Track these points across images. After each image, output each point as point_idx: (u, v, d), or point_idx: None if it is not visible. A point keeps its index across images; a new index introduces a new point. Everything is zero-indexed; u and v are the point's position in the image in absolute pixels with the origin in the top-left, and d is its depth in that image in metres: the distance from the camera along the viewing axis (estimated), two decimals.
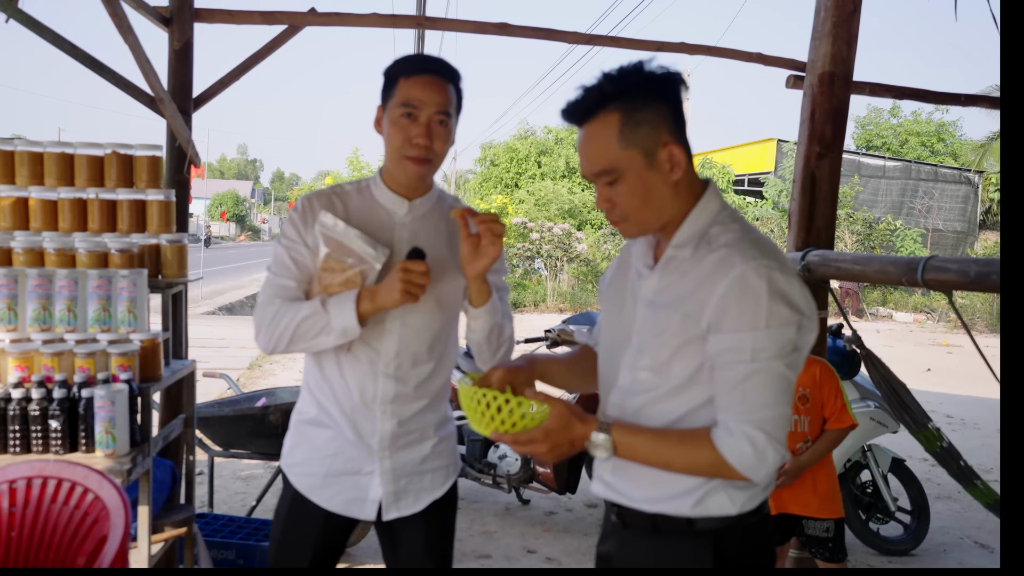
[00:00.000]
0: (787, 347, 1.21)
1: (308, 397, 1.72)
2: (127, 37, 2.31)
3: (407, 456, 1.69)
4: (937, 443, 2.84)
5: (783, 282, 1.21)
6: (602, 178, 1.29)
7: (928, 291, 15.25)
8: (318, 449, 1.69)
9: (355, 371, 1.64)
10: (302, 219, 1.63)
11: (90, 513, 1.74)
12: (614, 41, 3.14)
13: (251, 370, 8.00)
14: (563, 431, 1.26)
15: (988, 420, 6.74)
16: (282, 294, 1.61)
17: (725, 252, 1.25)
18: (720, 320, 1.22)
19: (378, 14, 2.92)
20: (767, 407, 1.21)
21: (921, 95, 3.15)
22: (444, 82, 1.57)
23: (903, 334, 13.05)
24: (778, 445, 1.21)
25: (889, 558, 3.80)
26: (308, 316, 1.54)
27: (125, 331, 2.33)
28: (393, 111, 1.56)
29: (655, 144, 1.27)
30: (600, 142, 1.27)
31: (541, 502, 4.34)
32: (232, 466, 4.73)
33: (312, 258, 1.62)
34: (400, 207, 1.66)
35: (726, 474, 1.23)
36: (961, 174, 20.11)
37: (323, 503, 1.69)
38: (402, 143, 1.56)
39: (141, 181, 2.57)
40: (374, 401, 1.64)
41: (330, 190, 1.69)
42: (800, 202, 2.90)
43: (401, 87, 1.56)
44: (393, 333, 1.63)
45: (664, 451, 1.25)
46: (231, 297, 15.57)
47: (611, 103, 1.26)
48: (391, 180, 1.66)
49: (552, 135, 22.69)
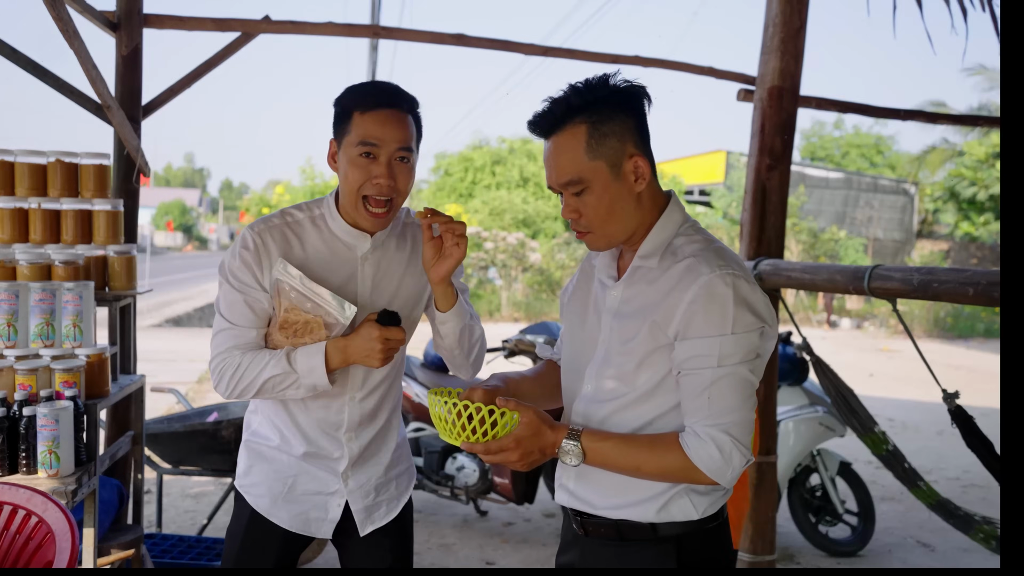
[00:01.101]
0: (751, 353, 1.25)
1: (267, 423, 1.67)
2: (72, 42, 2.24)
3: (371, 471, 1.68)
4: (883, 446, 2.93)
5: (747, 290, 1.26)
6: (569, 188, 1.31)
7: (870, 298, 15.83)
8: (278, 471, 1.65)
9: (320, 406, 1.62)
10: (255, 260, 1.52)
11: (34, 538, 1.66)
12: (570, 53, 3.18)
13: (200, 384, 7.78)
14: (534, 438, 1.27)
15: (927, 423, 7.00)
16: (242, 344, 1.53)
17: (691, 262, 1.28)
18: (687, 327, 1.25)
19: (334, 23, 2.89)
20: (733, 411, 1.24)
21: (864, 109, 3.28)
22: (403, 115, 1.49)
23: (846, 340, 13.47)
24: (743, 448, 1.24)
25: (838, 559, 3.90)
26: (275, 375, 1.50)
27: (70, 346, 2.25)
28: (350, 150, 1.47)
29: (621, 156, 1.29)
30: (567, 153, 1.29)
31: (499, 513, 4.33)
32: (181, 484, 4.59)
33: (269, 301, 1.54)
34: (362, 242, 1.58)
35: (694, 478, 1.25)
36: (899, 185, 20.92)
37: (282, 523, 1.65)
38: (362, 183, 1.48)
39: (87, 190, 2.49)
40: (339, 429, 1.63)
41: (281, 221, 1.57)
42: (751, 212, 2.97)
43: (357, 123, 1.46)
44: (358, 368, 1.60)
45: (633, 456, 1.27)
46: (178, 309, 15.14)
47: (578, 116, 1.28)
48: (349, 215, 1.55)
49: (506, 145, 22.78)
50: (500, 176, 21.85)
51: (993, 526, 2.75)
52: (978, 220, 19.07)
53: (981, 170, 18.51)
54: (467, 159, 22.59)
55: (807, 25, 2.94)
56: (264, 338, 1.57)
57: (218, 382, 1.55)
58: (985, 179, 18.31)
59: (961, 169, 19.17)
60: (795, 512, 3.96)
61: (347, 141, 1.48)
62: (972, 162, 18.82)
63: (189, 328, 13.49)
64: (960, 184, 18.97)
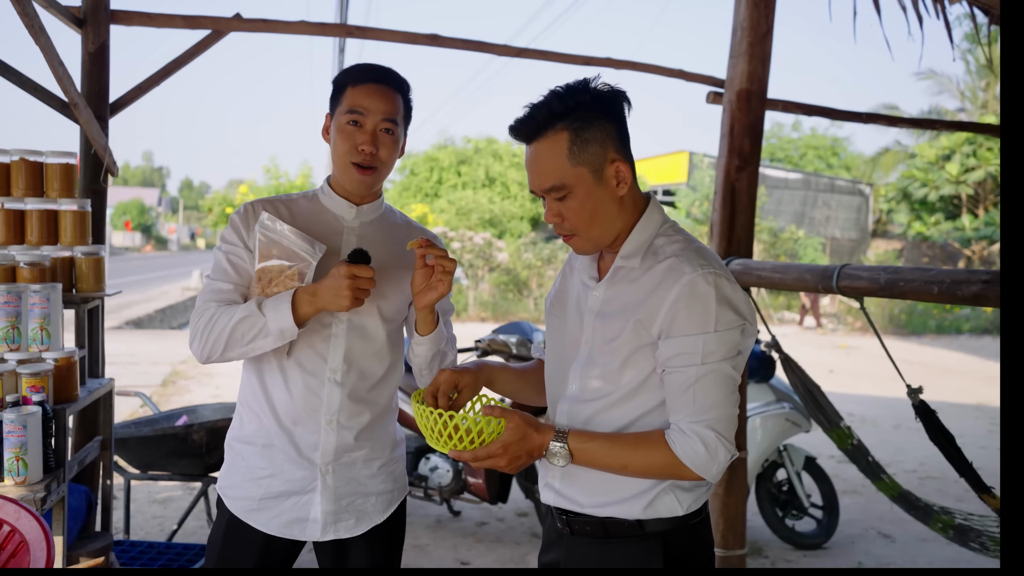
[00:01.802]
0: (733, 350, 1.28)
1: (245, 413, 1.66)
2: (38, 38, 2.18)
3: (351, 474, 1.64)
4: (849, 441, 3.01)
5: (728, 289, 1.29)
6: (552, 194, 1.32)
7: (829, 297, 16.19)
8: (252, 471, 1.62)
9: (300, 379, 1.59)
10: (243, 222, 1.61)
11: (6, 547, 1.62)
12: (543, 55, 3.20)
13: (164, 387, 7.62)
14: (521, 443, 1.29)
15: (884, 417, 7.22)
16: (218, 298, 1.55)
17: (673, 261, 1.31)
18: (671, 326, 1.28)
19: (306, 22, 2.86)
20: (717, 407, 1.27)
21: (828, 112, 3.36)
22: (392, 91, 1.58)
23: (806, 337, 13.78)
24: (728, 443, 1.27)
25: (804, 552, 4.00)
26: (244, 318, 1.49)
27: (37, 350, 2.19)
28: (340, 118, 1.57)
29: (602, 161, 1.31)
30: (550, 160, 1.30)
31: (472, 513, 4.33)
32: (147, 489, 4.49)
33: (252, 261, 1.58)
34: (348, 212, 1.65)
35: (680, 474, 1.28)
36: (855, 186, 21.47)
37: (260, 526, 1.62)
38: (348, 149, 1.57)
39: (53, 190, 2.43)
40: (318, 411, 1.59)
41: (276, 198, 1.68)
42: (721, 213, 3.03)
43: (348, 95, 1.56)
44: (339, 337, 1.59)
45: (620, 455, 1.29)
46: (138, 311, 14.78)
47: (560, 122, 1.29)
48: (339, 187, 1.65)
49: (472, 145, 22.76)
50: (466, 176, 21.82)
51: (951, 516, 2.84)
52: (929, 220, 19.68)
53: (932, 171, 19.12)
54: (432, 159, 22.51)
55: (774, 30, 3.01)
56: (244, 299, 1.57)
57: (192, 338, 1.55)
58: (935, 180, 18.92)
59: (913, 171, 19.77)
60: (762, 506, 4.05)
61: (338, 111, 1.58)
62: (923, 164, 19.44)
63: (150, 330, 13.19)
64: (912, 185, 19.56)
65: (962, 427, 6.07)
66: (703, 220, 17.09)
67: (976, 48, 18.33)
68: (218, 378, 8.23)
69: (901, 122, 3.81)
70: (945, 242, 18.72)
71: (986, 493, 2.44)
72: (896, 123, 3.70)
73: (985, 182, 18.39)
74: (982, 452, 5.97)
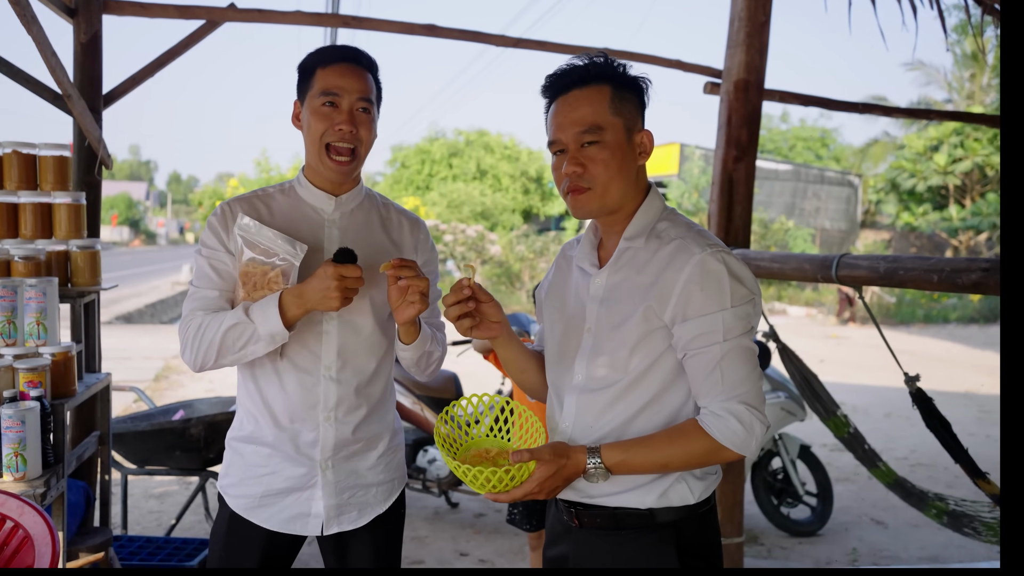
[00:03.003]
0: (748, 324, 1.30)
1: (242, 413, 1.65)
2: (31, 28, 2.15)
3: (350, 467, 1.63)
4: (845, 429, 3.04)
5: (736, 265, 1.31)
6: (586, 136, 1.33)
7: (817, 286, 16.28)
8: (252, 468, 1.62)
9: (295, 378, 1.58)
10: (222, 225, 1.57)
11: (9, 543, 1.60)
12: (540, 45, 3.19)
13: (157, 382, 7.58)
14: (556, 476, 1.30)
15: (875, 406, 7.28)
16: (204, 306, 1.53)
17: (680, 243, 1.32)
18: (686, 308, 1.29)
19: (302, 12, 2.84)
20: (745, 381, 1.28)
21: (824, 103, 3.37)
22: (363, 70, 1.56)
23: (797, 327, 13.85)
24: (761, 416, 1.27)
25: (799, 539, 4.04)
26: (233, 326, 1.47)
27: (34, 344, 2.17)
28: (313, 101, 1.53)
29: (635, 123, 1.36)
30: (592, 104, 1.34)
31: (470, 504, 4.34)
32: (144, 484, 4.47)
33: (235, 264, 1.55)
34: (327, 204, 1.62)
35: (722, 457, 1.28)
36: (844, 177, 21.58)
37: (263, 523, 1.62)
38: (325, 130, 1.53)
39: (47, 183, 2.40)
40: (315, 408, 1.59)
41: (252, 194, 1.63)
42: (719, 203, 3.04)
43: (319, 77, 1.53)
44: (331, 334, 1.58)
45: (659, 455, 1.29)
46: (128, 305, 14.68)
47: (604, 79, 1.34)
48: (315, 177, 1.61)
49: (463, 137, 22.69)
50: (457, 168, 21.77)
51: (945, 502, 2.88)
52: (917, 211, 19.81)
53: (920, 162, 19.23)
54: (424, 151, 22.44)
55: (771, 20, 3.01)
56: (231, 304, 1.55)
57: (183, 348, 1.53)
58: (923, 171, 19.04)
59: (902, 161, 19.88)
60: (758, 494, 4.09)
61: (311, 95, 1.54)
62: (912, 155, 19.54)
63: (141, 325, 13.11)
64: (901, 176, 19.67)
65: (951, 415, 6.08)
66: (694, 212, 17.13)
67: (963, 39, 18.41)
68: (212, 373, 8.18)
69: (896, 112, 3.83)
70: (933, 232, 18.86)
71: (981, 479, 2.47)
72: (891, 113, 3.72)
73: (972, 172, 18.53)
74: (971, 439, 6.00)
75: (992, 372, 9.61)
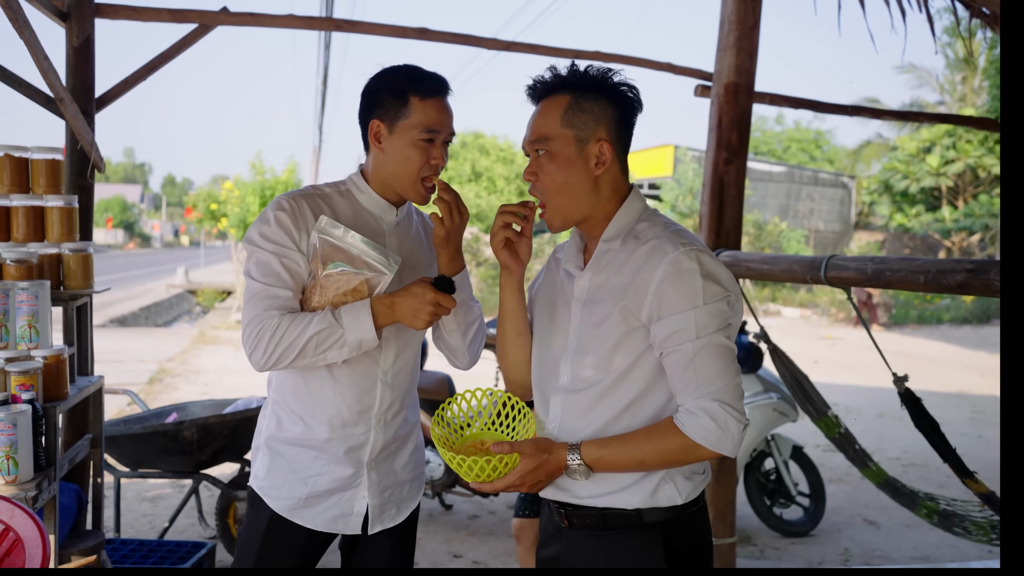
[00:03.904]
0: (724, 321, 1.31)
1: (284, 415, 1.64)
2: (23, 32, 2.16)
3: (390, 466, 1.67)
4: (836, 429, 3.05)
5: (711, 263, 1.32)
6: (535, 145, 1.38)
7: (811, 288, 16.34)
8: (299, 470, 1.62)
9: (352, 383, 1.59)
10: (293, 222, 1.53)
11: (0, 546, 1.61)
12: (532, 48, 3.20)
13: (151, 385, 7.57)
14: (538, 470, 1.33)
15: (868, 407, 7.32)
16: (279, 305, 1.50)
17: (655, 243, 1.34)
18: (660, 306, 1.31)
19: (294, 15, 2.85)
20: (718, 378, 1.28)
21: (814, 105, 3.40)
22: (448, 101, 1.58)
23: (791, 328, 13.89)
24: (737, 413, 1.27)
25: (791, 539, 4.06)
26: (320, 330, 1.45)
27: (25, 347, 2.17)
28: (411, 133, 1.53)
29: (589, 135, 1.37)
30: (546, 116, 1.38)
31: (464, 506, 4.35)
32: (138, 487, 4.47)
33: (306, 265, 1.53)
34: (388, 214, 1.63)
35: (698, 456, 1.29)
36: (837, 178, 21.66)
37: (306, 523, 1.63)
38: (422, 165, 1.54)
39: (39, 186, 2.41)
40: (370, 411, 1.61)
41: (312, 191, 1.62)
42: (710, 205, 3.06)
43: (419, 109, 1.53)
44: (390, 340, 1.60)
45: (635, 452, 1.31)
46: (123, 308, 14.65)
47: (567, 88, 1.37)
48: (381, 188, 1.61)
49: (458, 140, 22.68)
50: (452, 171, 21.76)
51: (935, 502, 2.90)
52: (910, 212, 19.90)
53: (913, 164, 19.32)
54: None
55: (761, 23, 3.03)
56: (301, 305, 1.54)
57: (254, 348, 1.48)
58: (916, 172, 19.13)
59: (894, 163, 19.97)
60: (751, 495, 4.10)
61: (406, 125, 1.53)
62: (904, 156, 19.63)
63: (136, 328, 13.08)
64: (894, 177, 19.76)
65: (943, 415, 6.11)
66: (688, 214, 17.17)
67: (955, 42, 18.51)
68: (205, 375, 8.18)
69: (885, 114, 3.86)
70: (926, 233, 18.94)
71: (969, 478, 2.49)
72: (880, 115, 3.74)
73: (964, 174, 18.62)
74: (963, 439, 6.07)
75: (985, 373, 9.66)
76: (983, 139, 17.73)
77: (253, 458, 1.71)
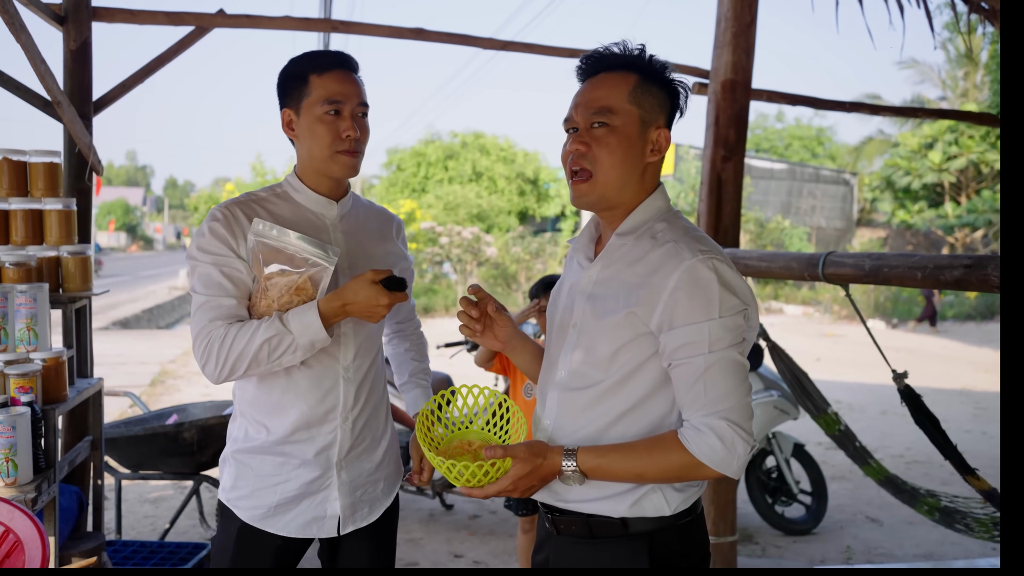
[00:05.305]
0: (739, 336, 1.24)
1: (250, 422, 1.61)
2: (19, 36, 2.16)
3: (361, 466, 1.64)
4: (836, 427, 3.05)
5: (729, 274, 1.25)
6: (596, 117, 1.31)
7: (814, 285, 16.31)
8: (265, 478, 1.60)
9: (312, 384, 1.57)
10: (228, 230, 1.51)
11: (0, 547, 1.61)
12: (529, 48, 3.20)
13: (153, 387, 7.58)
14: (531, 475, 1.27)
15: (871, 404, 7.31)
16: (224, 315, 1.48)
17: (672, 247, 1.27)
18: (673, 316, 1.24)
19: (291, 17, 2.85)
20: (729, 396, 1.21)
21: (811, 102, 3.39)
22: (355, 75, 1.58)
23: (793, 326, 13.88)
24: (745, 434, 1.20)
25: (793, 537, 4.05)
26: (269, 338, 1.43)
27: (24, 350, 2.18)
28: (315, 109, 1.52)
29: (653, 119, 1.32)
30: (611, 88, 1.31)
31: (464, 506, 4.35)
32: (138, 489, 4.48)
33: (248, 271, 1.51)
34: (329, 209, 1.61)
35: (701, 474, 1.23)
36: (839, 175, 21.62)
37: (278, 531, 1.61)
38: (332, 139, 1.53)
39: (37, 190, 2.41)
40: (334, 411, 1.59)
41: (247, 198, 1.59)
42: (708, 203, 3.05)
43: (317, 84, 1.52)
44: (349, 336, 1.59)
45: (635, 465, 1.25)
46: (125, 311, 14.68)
47: (632, 68, 1.32)
48: (315, 181, 1.60)
49: (459, 139, 22.71)
50: (453, 171, 21.76)
51: (937, 499, 2.89)
52: (913, 208, 19.85)
53: (915, 160, 19.27)
54: (419, 154, 22.44)
55: (757, 20, 3.03)
56: (248, 312, 1.52)
57: (205, 361, 1.47)
58: (918, 168, 19.08)
59: (896, 159, 19.92)
60: (752, 493, 4.09)
61: (309, 102, 1.53)
62: (906, 152, 19.58)
63: (137, 330, 13.10)
64: (896, 174, 19.71)
65: (947, 412, 6.15)
66: (689, 211, 17.15)
67: (956, 37, 18.46)
68: None
69: (883, 110, 3.84)
70: (928, 230, 18.89)
71: (970, 475, 2.48)
72: (878, 111, 3.73)
73: (967, 170, 18.57)
74: (966, 436, 6.06)
75: (988, 369, 9.64)
76: (985, 134, 17.68)
77: (221, 471, 1.68)
